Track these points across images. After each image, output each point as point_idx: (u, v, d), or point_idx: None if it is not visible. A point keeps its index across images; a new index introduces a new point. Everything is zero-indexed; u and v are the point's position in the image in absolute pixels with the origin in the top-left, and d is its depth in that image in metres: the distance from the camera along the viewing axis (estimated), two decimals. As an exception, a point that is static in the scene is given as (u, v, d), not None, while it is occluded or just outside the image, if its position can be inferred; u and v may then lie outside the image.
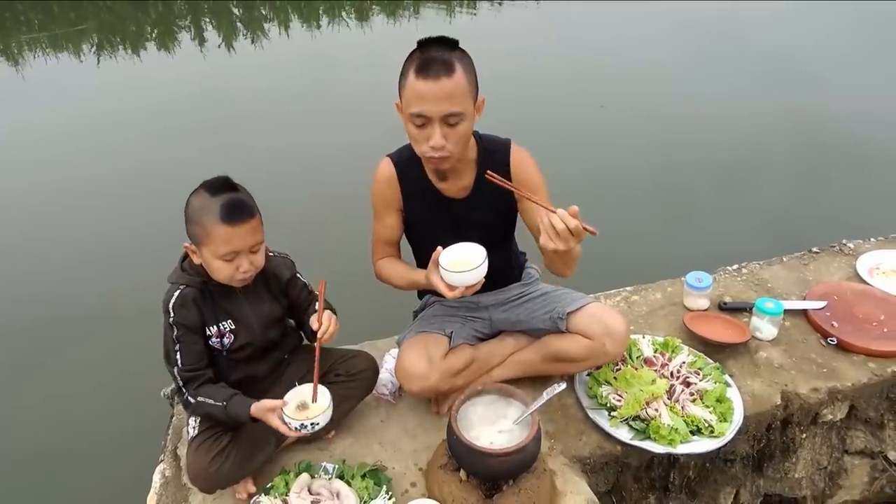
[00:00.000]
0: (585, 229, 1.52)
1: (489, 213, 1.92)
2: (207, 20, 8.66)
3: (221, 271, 1.62)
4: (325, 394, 1.66)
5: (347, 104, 5.67)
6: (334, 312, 1.81)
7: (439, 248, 1.72)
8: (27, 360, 3.25)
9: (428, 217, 1.92)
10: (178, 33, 8.19)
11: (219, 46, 7.65)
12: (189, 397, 1.66)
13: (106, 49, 7.68)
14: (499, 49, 6.14)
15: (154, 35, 8.27)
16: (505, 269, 2.06)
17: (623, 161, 4.70)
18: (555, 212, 1.54)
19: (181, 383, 1.67)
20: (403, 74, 1.69)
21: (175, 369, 1.67)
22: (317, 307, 1.73)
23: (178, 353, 1.66)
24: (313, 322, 1.70)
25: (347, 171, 4.53)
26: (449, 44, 1.69)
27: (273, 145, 5.02)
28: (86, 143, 5.29)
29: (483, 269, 1.68)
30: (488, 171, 1.69)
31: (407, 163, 1.88)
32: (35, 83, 6.76)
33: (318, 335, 1.68)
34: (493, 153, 1.88)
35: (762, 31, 7.06)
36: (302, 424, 1.58)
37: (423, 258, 1.94)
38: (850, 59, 6.26)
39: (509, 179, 1.85)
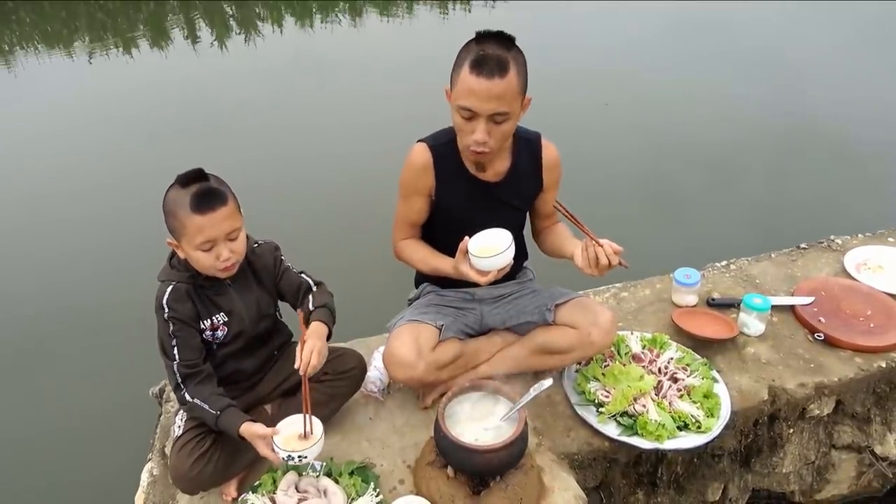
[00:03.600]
0: (621, 264, 1.68)
1: (518, 199, 1.97)
2: (200, 19, 8.64)
3: (202, 261, 1.60)
4: (318, 426, 1.64)
5: (340, 102, 5.66)
6: (332, 309, 1.79)
7: (466, 238, 1.74)
8: (17, 360, 3.24)
9: (462, 200, 1.93)
10: (170, 31, 8.16)
11: (211, 45, 7.63)
12: (186, 394, 1.63)
13: (98, 48, 7.65)
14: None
15: (146, 33, 8.24)
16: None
17: (612, 157, 4.71)
18: (601, 245, 1.71)
19: (179, 380, 1.64)
20: (458, 65, 1.70)
21: (175, 364, 1.63)
22: (308, 299, 1.73)
23: (176, 348, 1.63)
24: (296, 357, 1.63)
25: (337, 167, 4.56)
26: (506, 41, 1.69)
27: (263, 144, 5.01)
28: (76, 143, 5.27)
29: (511, 252, 1.72)
30: (557, 200, 1.88)
31: (444, 147, 1.88)
32: (27, 81, 6.74)
33: (301, 371, 1.62)
34: (529, 142, 1.93)
35: (752, 30, 7.08)
36: (290, 456, 1.56)
37: (449, 242, 1.87)
38: (838, 57, 6.28)
39: (540, 169, 1.94)
